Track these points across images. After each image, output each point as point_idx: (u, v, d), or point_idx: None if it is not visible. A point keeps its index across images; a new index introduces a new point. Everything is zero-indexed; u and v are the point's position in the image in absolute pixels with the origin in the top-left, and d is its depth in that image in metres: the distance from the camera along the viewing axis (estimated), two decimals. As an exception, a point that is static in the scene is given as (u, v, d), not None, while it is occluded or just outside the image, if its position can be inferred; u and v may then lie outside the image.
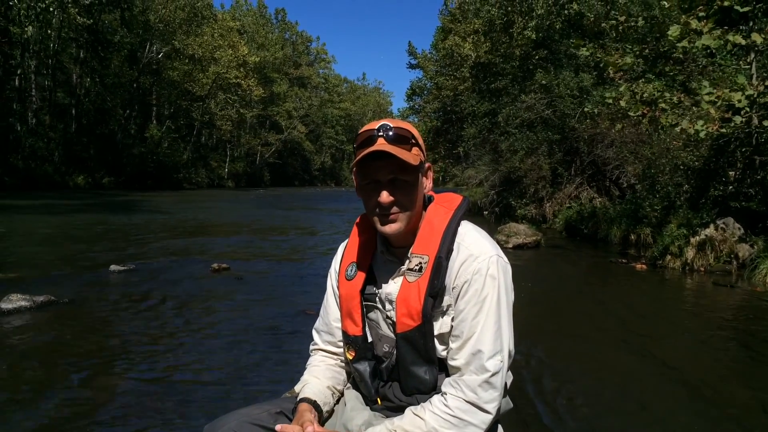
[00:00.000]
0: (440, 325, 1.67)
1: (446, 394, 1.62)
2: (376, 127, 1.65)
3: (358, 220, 1.91)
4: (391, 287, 1.74)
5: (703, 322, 6.16)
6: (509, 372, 1.71)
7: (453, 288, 1.65)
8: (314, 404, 1.73)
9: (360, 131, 1.69)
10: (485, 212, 21.51)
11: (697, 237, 9.10)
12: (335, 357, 1.92)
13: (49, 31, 37.39)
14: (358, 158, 1.64)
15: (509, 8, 22.06)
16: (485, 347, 1.60)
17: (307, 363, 1.94)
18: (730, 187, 10.24)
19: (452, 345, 1.65)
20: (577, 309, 6.91)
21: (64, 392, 3.72)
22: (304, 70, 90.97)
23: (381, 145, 1.61)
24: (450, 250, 1.67)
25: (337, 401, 1.85)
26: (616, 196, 16.26)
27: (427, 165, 1.76)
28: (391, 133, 1.63)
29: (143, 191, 38.98)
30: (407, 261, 1.72)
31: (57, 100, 42.37)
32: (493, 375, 1.59)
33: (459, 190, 27.93)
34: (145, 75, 51.80)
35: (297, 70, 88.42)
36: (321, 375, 1.85)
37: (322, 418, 1.75)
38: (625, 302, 7.15)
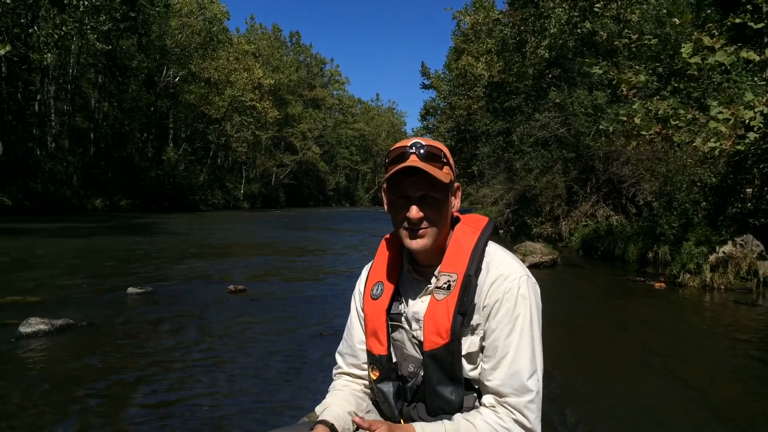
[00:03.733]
0: (468, 344, 1.66)
1: (495, 407, 1.62)
2: (409, 144, 1.66)
3: (384, 241, 1.91)
4: (418, 306, 1.73)
5: (725, 341, 6.08)
6: None
7: (483, 307, 1.65)
8: (332, 428, 1.71)
9: (392, 148, 1.70)
10: (501, 231, 21.45)
11: (716, 254, 9.00)
12: (359, 382, 1.90)
13: (68, 58, 38.08)
14: (390, 173, 1.64)
15: (522, 28, 22.14)
16: (523, 367, 1.60)
17: (330, 387, 1.92)
18: (749, 204, 10.14)
19: (485, 365, 1.64)
20: (596, 329, 6.85)
21: (81, 415, 3.73)
22: (318, 92, 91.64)
23: (413, 161, 1.62)
24: (479, 269, 1.67)
25: (356, 428, 1.83)
26: (633, 214, 16.14)
27: (456, 185, 1.76)
28: (423, 150, 1.64)
29: (160, 213, 39.29)
30: (435, 279, 1.71)
31: (76, 125, 43.05)
32: (537, 394, 1.60)
33: (474, 210, 27.88)
34: (162, 99, 52.53)
35: (311, 92, 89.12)
36: (343, 399, 1.82)
37: None
38: (645, 322, 7.07)
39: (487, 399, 1.65)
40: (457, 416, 1.64)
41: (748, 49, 8.20)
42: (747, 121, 7.85)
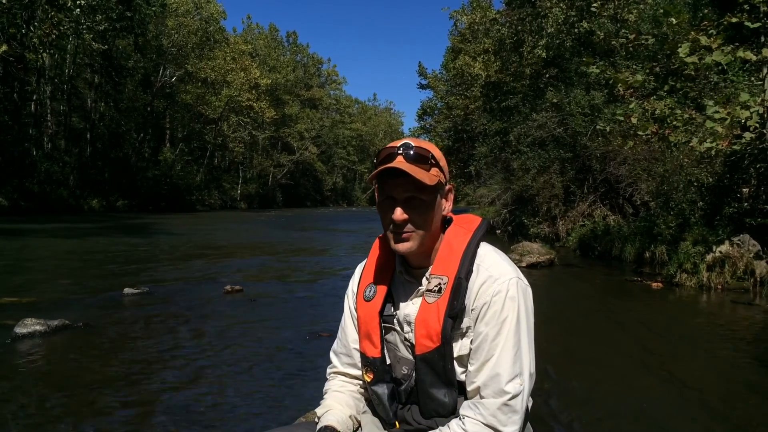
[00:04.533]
0: (459, 347, 1.65)
1: (465, 417, 1.60)
2: (398, 145, 1.65)
3: (377, 241, 1.89)
4: (410, 308, 1.72)
5: (722, 341, 6.08)
6: (529, 396, 1.68)
7: (472, 310, 1.63)
8: None
9: (382, 148, 1.70)
10: (498, 231, 21.46)
11: (713, 254, 9.01)
12: (355, 382, 1.89)
13: (64, 57, 38.02)
14: (374, 173, 1.64)
15: (519, 27, 22.17)
16: (504, 370, 1.58)
17: (326, 387, 1.91)
18: (745, 204, 10.15)
19: (470, 368, 1.63)
20: (593, 329, 6.84)
21: (78, 417, 3.71)
22: (315, 92, 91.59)
23: (399, 162, 1.61)
24: (469, 272, 1.65)
25: (355, 430, 1.82)
26: (630, 214, 16.14)
27: (447, 186, 1.74)
28: (411, 152, 1.63)
29: (157, 213, 39.26)
30: (426, 282, 1.70)
31: (72, 125, 42.97)
32: (512, 397, 1.57)
33: (471, 210, 27.91)
34: (158, 99, 52.49)
35: (308, 92, 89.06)
36: (344, 402, 1.82)
37: None
38: (642, 321, 7.06)
39: (463, 406, 1.64)
40: None
41: (745, 48, 8.21)
42: (743, 121, 7.87)
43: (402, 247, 1.66)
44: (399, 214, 1.62)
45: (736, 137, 8.21)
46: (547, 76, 21.84)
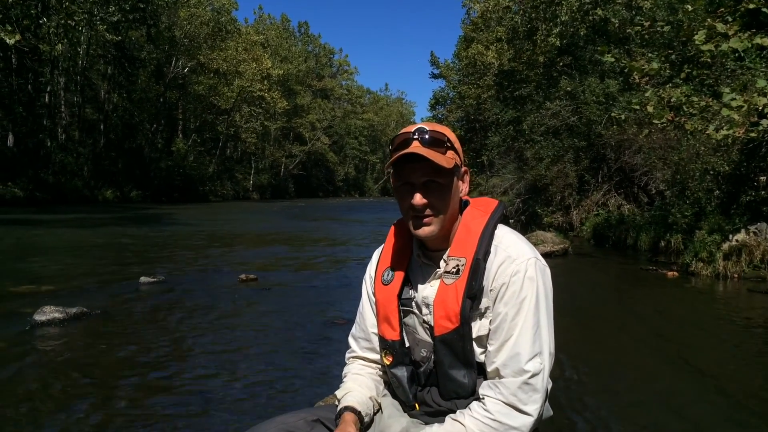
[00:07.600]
0: (478, 328, 1.66)
1: (485, 397, 1.61)
2: (413, 131, 1.66)
3: (393, 225, 1.90)
4: (428, 291, 1.73)
5: (739, 330, 6.04)
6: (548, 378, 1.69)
7: (491, 290, 1.64)
8: (358, 415, 1.72)
9: (397, 134, 1.70)
10: (511, 221, 21.27)
11: (729, 243, 8.95)
12: (373, 365, 1.91)
13: (77, 49, 38.19)
14: (391, 160, 1.65)
15: (533, 15, 21.99)
16: (523, 349, 1.59)
17: (345, 370, 1.92)
18: (762, 192, 10.06)
19: (490, 348, 1.64)
20: (609, 317, 6.83)
21: (96, 403, 3.76)
22: (327, 82, 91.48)
23: (415, 147, 1.61)
24: (487, 252, 1.66)
25: (375, 412, 1.84)
26: (645, 203, 16.04)
27: (463, 169, 1.75)
28: (426, 136, 1.64)
29: (170, 204, 39.47)
30: (444, 264, 1.71)
31: (86, 116, 43.17)
32: (532, 376, 1.57)
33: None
34: (171, 90, 52.59)
35: (320, 82, 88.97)
36: (364, 385, 1.83)
37: (364, 430, 1.74)
38: (658, 310, 7.04)
39: (483, 386, 1.65)
40: (447, 419, 1.64)
41: (762, 35, 8.11)
42: (760, 108, 7.78)
43: (423, 231, 1.67)
44: (418, 198, 1.63)
45: (753, 124, 8.12)
46: (561, 64, 21.69)
